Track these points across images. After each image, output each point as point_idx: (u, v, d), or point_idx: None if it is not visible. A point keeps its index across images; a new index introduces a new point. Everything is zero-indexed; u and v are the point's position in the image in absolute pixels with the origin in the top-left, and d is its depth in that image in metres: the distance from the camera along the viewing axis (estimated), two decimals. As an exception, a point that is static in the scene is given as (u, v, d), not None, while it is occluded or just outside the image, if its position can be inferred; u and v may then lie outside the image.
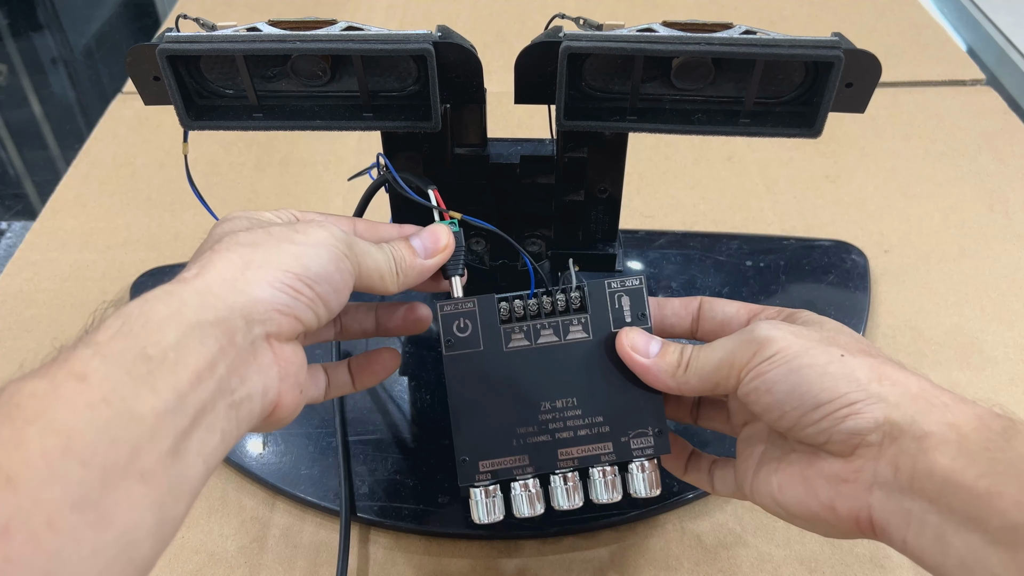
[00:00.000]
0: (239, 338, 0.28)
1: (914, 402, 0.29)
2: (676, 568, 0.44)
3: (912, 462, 0.28)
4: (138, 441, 0.24)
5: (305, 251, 0.31)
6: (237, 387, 0.28)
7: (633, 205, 0.68)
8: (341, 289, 0.32)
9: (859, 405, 0.30)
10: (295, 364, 0.31)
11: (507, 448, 0.36)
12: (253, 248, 0.30)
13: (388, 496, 0.46)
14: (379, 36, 0.35)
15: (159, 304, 0.27)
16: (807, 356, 0.31)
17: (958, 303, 0.59)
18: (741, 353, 0.32)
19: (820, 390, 0.30)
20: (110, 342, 0.25)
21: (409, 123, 0.37)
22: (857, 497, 0.30)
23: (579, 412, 0.36)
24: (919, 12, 0.93)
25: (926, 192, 0.69)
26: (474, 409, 0.36)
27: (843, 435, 0.30)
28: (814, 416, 0.30)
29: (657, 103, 0.38)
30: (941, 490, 0.27)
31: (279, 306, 0.29)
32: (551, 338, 0.37)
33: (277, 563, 0.45)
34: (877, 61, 0.35)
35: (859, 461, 0.30)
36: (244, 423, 0.28)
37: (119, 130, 0.77)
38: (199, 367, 0.26)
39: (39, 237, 0.66)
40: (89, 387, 0.24)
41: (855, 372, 0.30)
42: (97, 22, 1.02)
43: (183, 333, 0.26)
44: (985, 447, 0.27)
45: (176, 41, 0.35)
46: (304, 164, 0.73)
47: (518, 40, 0.42)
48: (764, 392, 0.31)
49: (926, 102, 0.79)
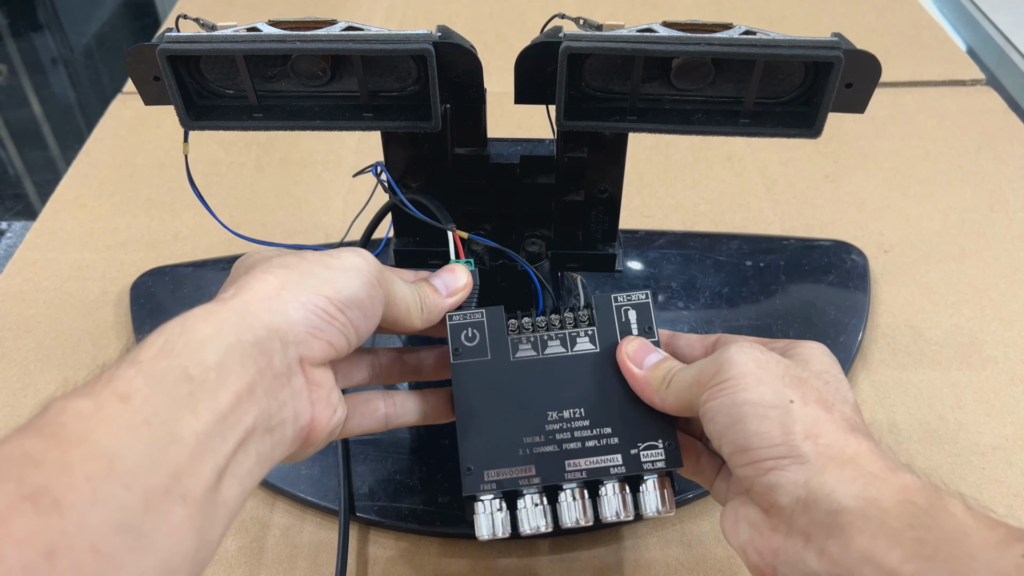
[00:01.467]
0: (276, 360, 0.28)
1: (839, 470, 0.28)
2: (676, 568, 0.44)
3: (824, 535, 0.27)
4: (179, 464, 0.24)
5: (338, 276, 0.31)
6: (275, 411, 0.28)
7: (633, 205, 0.68)
8: (371, 316, 0.32)
9: (784, 461, 0.29)
10: (326, 388, 0.31)
11: (513, 458, 0.35)
12: (288, 270, 0.30)
13: (388, 496, 0.46)
14: (379, 36, 0.35)
15: (200, 323, 0.27)
16: (754, 392, 0.30)
17: (958, 303, 0.59)
18: (706, 371, 0.32)
19: (752, 434, 0.29)
20: (153, 361, 0.25)
21: (409, 123, 0.37)
22: (766, 554, 0.29)
23: (587, 423, 0.36)
24: (919, 12, 0.93)
25: (926, 192, 0.69)
26: (480, 417, 0.36)
27: (763, 487, 0.29)
28: (742, 459, 0.30)
29: (657, 103, 0.38)
30: (857, 571, 0.26)
31: (312, 329, 0.29)
32: (558, 349, 0.37)
33: (277, 563, 0.45)
34: (877, 61, 0.35)
35: (774, 520, 0.29)
36: (279, 447, 0.29)
37: (119, 130, 0.77)
38: (240, 389, 0.26)
39: (39, 237, 0.66)
40: (132, 408, 0.24)
41: (792, 425, 0.29)
42: (97, 22, 1.02)
43: (225, 353, 0.26)
44: (909, 524, 0.25)
45: (176, 41, 0.35)
46: (304, 164, 0.73)
47: (518, 40, 0.42)
48: (709, 419, 0.31)
49: (926, 102, 0.79)
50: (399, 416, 0.37)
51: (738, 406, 0.30)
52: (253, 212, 0.68)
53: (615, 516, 0.35)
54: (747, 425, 0.29)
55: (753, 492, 0.30)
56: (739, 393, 0.30)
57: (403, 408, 0.38)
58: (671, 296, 0.58)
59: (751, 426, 0.29)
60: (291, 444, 0.29)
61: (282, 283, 0.29)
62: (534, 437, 0.35)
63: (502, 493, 0.35)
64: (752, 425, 0.29)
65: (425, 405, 0.38)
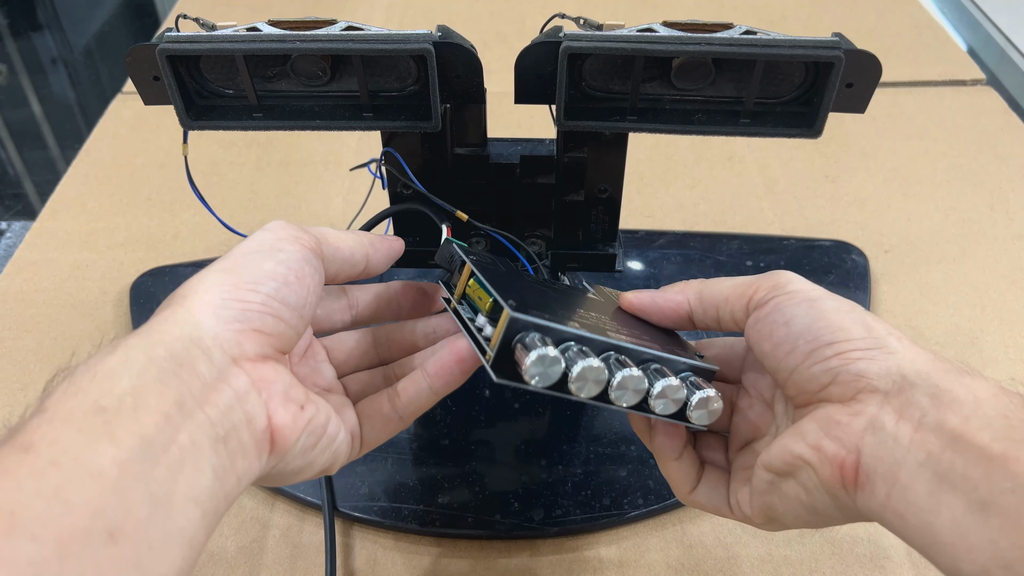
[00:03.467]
0: (201, 367, 0.26)
1: (930, 363, 0.28)
2: (676, 568, 0.44)
3: (920, 414, 0.26)
4: (100, 499, 0.21)
5: (237, 259, 0.29)
6: (219, 419, 0.25)
7: (633, 205, 0.68)
8: (300, 278, 0.29)
9: (874, 352, 0.28)
10: (280, 383, 0.28)
11: (555, 316, 0.30)
12: (189, 281, 0.28)
13: (388, 496, 0.46)
14: (379, 36, 0.35)
15: (105, 357, 0.25)
16: (829, 299, 0.30)
17: (958, 303, 0.59)
18: (760, 285, 0.32)
19: (838, 328, 0.29)
20: (58, 404, 0.23)
21: (409, 123, 0.37)
22: (847, 439, 0.28)
23: (618, 326, 0.32)
24: (919, 12, 0.93)
25: (926, 192, 0.69)
26: (514, 285, 0.32)
27: (850, 375, 0.28)
28: (826, 352, 0.29)
29: (657, 103, 0.38)
30: (948, 446, 0.25)
31: (231, 324, 0.27)
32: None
33: (277, 563, 0.45)
34: (877, 61, 0.35)
35: (859, 405, 0.28)
36: (239, 457, 0.26)
37: (119, 130, 0.77)
38: (164, 408, 0.24)
39: (39, 237, 0.66)
40: (34, 455, 0.21)
41: (874, 323, 0.29)
42: (97, 22, 1.02)
43: (137, 375, 0.24)
44: (1003, 414, 0.25)
45: (176, 41, 0.35)
46: (304, 164, 0.73)
47: (518, 40, 0.42)
48: (781, 324, 0.30)
49: (926, 102, 0.79)
50: (410, 403, 0.34)
51: (816, 308, 0.30)
52: (253, 212, 0.68)
53: (663, 405, 0.31)
54: (830, 322, 0.29)
55: (835, 385, 0.29)
56: (815, 300, 0.30)
57: (409, 392, 0.34)
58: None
59: (834, 320, 0.29)
60: (255, 451, 0.27)
61: (182, 295, 0.28)
62: (574, 316, 0.31)
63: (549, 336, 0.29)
64: (836, 319, 0.29)
65: (428, 377, 0.34)
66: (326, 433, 0.30)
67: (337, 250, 0.32)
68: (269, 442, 0.27)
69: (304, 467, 0.30)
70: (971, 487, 0.24)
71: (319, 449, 0.30)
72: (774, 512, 0.31)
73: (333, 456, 0.31)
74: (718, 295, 0.33)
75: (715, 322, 0.34)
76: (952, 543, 0.24)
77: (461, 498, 0.46)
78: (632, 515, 0.46)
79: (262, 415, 0.27)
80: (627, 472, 0.47)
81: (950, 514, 0.25)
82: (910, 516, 0.26)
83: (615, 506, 0.46)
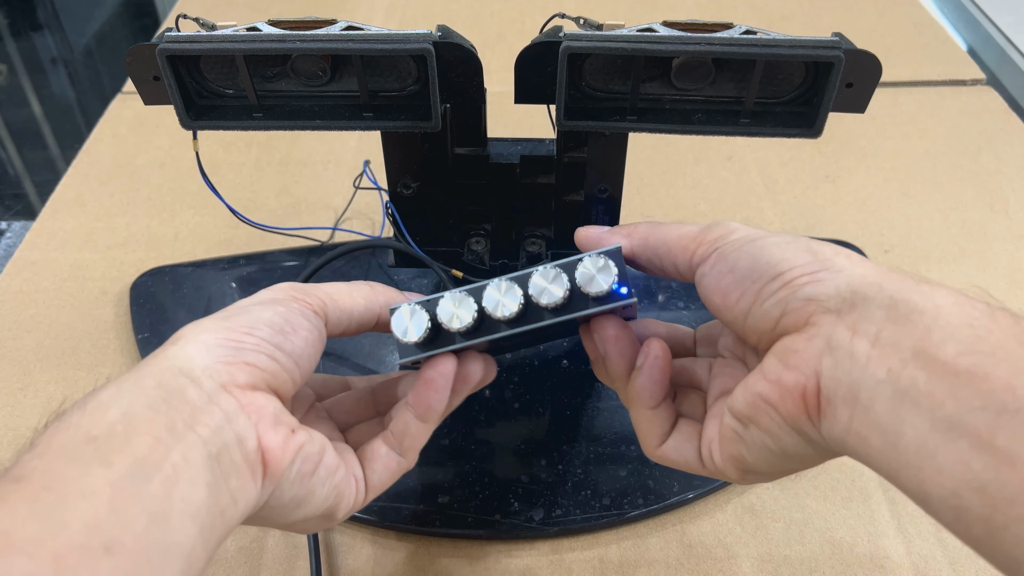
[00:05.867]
0: (191, 394, 0.27)
1: (884, 275, 0.26)
2: (676, 568, 0.44)
3: (875, 328, 0.25)
4: (95, 516, 0.22)
5: (234, 309, 0.31)
6: (210, 437, 0.26)
7: (633, 205, 0.68)
8: (297, 329, 0.31)
9: (821, 273, 0.27)
10: (270, 408, 0.29)
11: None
12: (185, 327, 0.30)
13: (388, 496, 0.46)
14: (379, 36, 0.35)
15: (96, 393, 0.26)
16: (771, 236, 0.29)
17: (958, 303, 0.59)
18: (703, 239, 0.31)
19: (780, 259, 0.28)
20: (50, 439, 0.24)
21: (409, 123, 0.37)
22: (805, 365, 0.26)
23: None
24: (919, 12, 0.93)
25: (926, 192, 0.69)
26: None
27: (799, 302, 0.27)
28: (773, 286, 0.28)
29: (657, 103, 0.38)
30: (909, 361, 0.23)
31: (222, 357, 0.28)
32: None
33: (277, 563, 0.45)
34: (877, 61, 0.35)
35: (813, 329, 0.26)
36: (232, 474, 0.27)
37: (119, 130, 0.77)
38: (156, 431, 0.25)
39: (39, 237, 0.66)
40: (27, 483, 0.22)
41: (819, 248, 0.28)
42: (97, 22, 1.02)
43: (128, 405, 0.25)
44: (968, 323, 0.23)
45: (176, 41, 0.35)
46: (304, 164, 0.73)
47: (518, 40, 0.42)
48: (726, 272, 0.29)
49: (926, 102, 0.79)
50: (402, 437, 0.34)
51: (758, 247, 0.29)
52: (253, 212, 0.67)
53: (546, 294, 0.31)
54: (772, 253, 0.28)
55: (787, 316, 0.28)
56: (756, 240, 0.29)
57: (398, 426, 0.34)
58: (671, 296, 0.58)
59: (776, 253, 0.28)
60: (248, 471, 0.27)
61: (179, 336, 0.29)
62: None
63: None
64: (778, 252, 0.28)
65: (410, 408, 0.34)
66: (323, 463, 0.31)
67: (344, 311, 0.33)
68: (261, 464, 0.28)
69: (304, 497, 0.30)
70: (936, 404, 0.22)
71: (318, 479, 0.30)
72: (744, 462, 0.30)
73: (335, 491, 0.31)
74: (661, 244, 0.32)
75: (660, 270, 0.33)
76: (918, 465, 0.23)
77: (461, 498, 0.46)
78: (632, 515, 0.46)
79: (252, 436, 0.28)
80: (627, 472, 0.47)
81: (914, 434, 0.23)
82: (873, 438, 0.24)
83: (615, 506, 0.46)
